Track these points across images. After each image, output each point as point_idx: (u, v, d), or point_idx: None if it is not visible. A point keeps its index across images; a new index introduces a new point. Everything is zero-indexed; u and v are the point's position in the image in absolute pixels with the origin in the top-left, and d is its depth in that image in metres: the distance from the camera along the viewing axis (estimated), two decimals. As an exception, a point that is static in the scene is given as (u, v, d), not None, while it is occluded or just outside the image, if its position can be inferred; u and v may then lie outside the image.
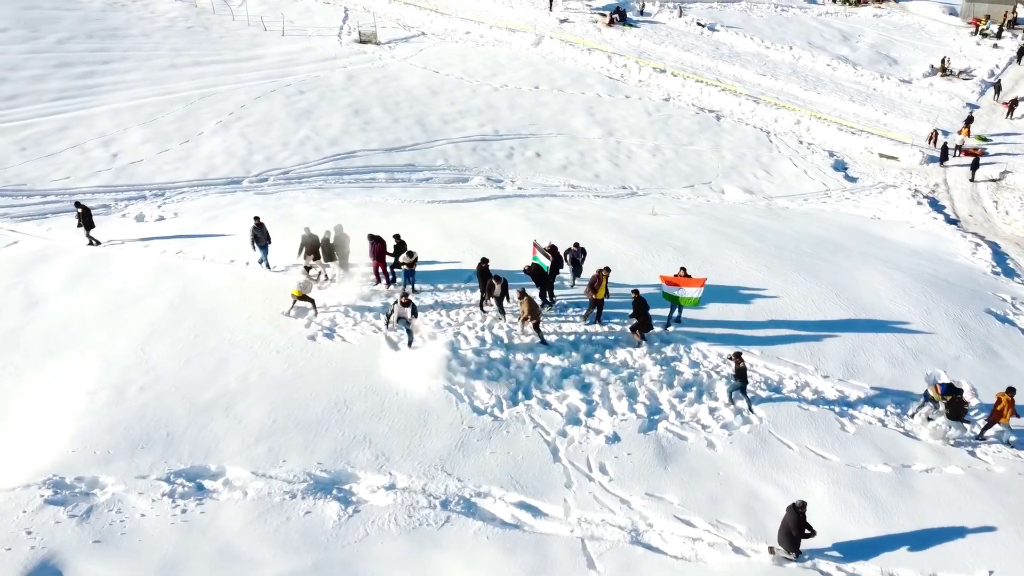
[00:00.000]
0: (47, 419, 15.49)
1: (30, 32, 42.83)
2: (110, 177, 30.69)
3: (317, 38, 51.06)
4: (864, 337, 21.64)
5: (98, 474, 14.40)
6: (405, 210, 29.63)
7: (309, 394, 16.65)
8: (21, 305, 19.48)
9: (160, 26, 48.33)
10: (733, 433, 17.61)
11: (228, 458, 15.09)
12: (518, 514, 15.10)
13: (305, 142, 36.18)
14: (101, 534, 13.41)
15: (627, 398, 18.07)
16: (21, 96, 36.41)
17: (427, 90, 44.82)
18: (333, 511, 14.39)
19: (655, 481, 16.12)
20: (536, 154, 39.73)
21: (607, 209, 32.56)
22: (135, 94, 38.44)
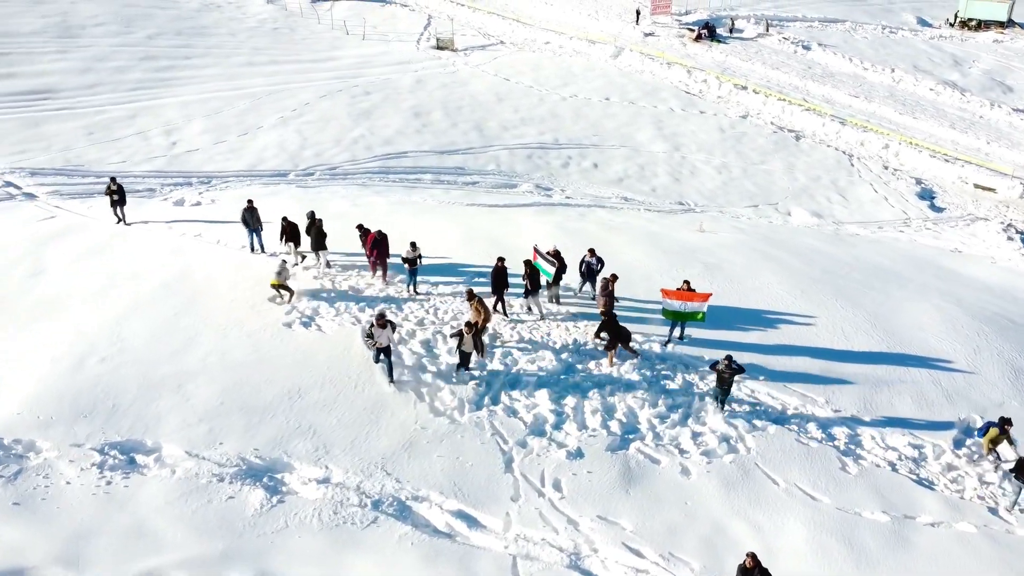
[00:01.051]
0: (7, 381, 15.71)
1: (124, 27, 45.24)
2: (163, 163, 31.71)
3: (396, 43, 51.77)
4: (892, 372, 19.55)
5: (36, 438, 14.44)
6: (437, 210, 29.26)
7: (264, 380, 16.28)
8: (26, 273, 20.10)
9: (248, 26, 50.17)
10: (713, 461, 16.10)
11: (166, 435, 14.86)
12: (453, 523, 14.19)
13: (358, 140, 36.46)
14: (22, 497, 13.37)
15: (602, 413, 16.84)
16: (102, 85, 38.33)
17: (493, 96, 44.54)
18: (257, 499, 13.89)
19: (611, 504, 14.86)
20: (593, 165, 38.69)
21: (652, 223, 31.21)
22: (207, 88, 39.84)
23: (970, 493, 16.21)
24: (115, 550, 12.86)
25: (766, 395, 18.23)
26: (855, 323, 21.59)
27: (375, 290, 20.45)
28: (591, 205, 33.64)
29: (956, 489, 16.26)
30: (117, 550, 12.86)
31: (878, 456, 16.89)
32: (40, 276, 19.92)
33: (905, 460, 16.90)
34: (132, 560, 12.76)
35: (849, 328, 21.26)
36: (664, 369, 18.63)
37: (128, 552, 12.86)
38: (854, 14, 64.59)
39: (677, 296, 19.07)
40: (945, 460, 17.01)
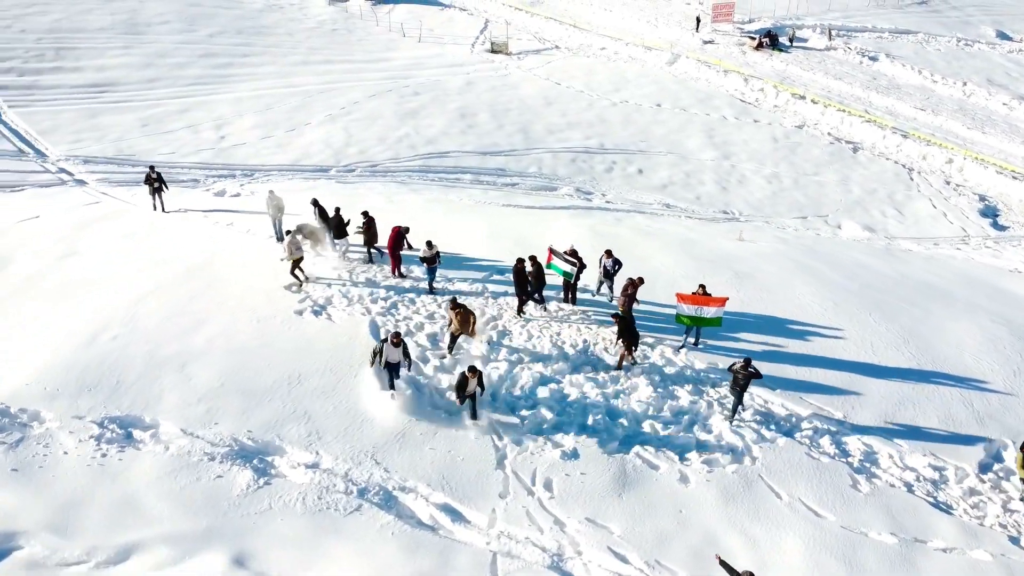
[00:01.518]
0: (26, 353, 16.26)
1: (187, 25, 46.76)
2: (210, 156, 32.57)
3: (451, 46, 52.18)
4: (920, 389, 18.60)
5: (41, 409, 14.87)
6: (470, 209, 29.29)
7: (266, 364, 16.45)
8: (61, 254, 20.82)
9: (307, 27, 51.28)
10: (715, 470, 15.55)
11: (164, 412, 15.13)
12: (438, 516, 14.03)
13: (403, 139, 36.79)
14: (21, 464, 13.77)
15: (604, 415, 16.45)
16: (160, 80, 39.66)
17: (542, 100, 44.43)
18: (244, 479, 14.00)
19: (601, 507, 14.47)
20: (638, 171, 38.18)
21: (691, 230, 30.58)
22: (261, 85, 40.82)
23: (991, 520, 15.25)
24: (103, 521, 13.12)
25: (779, 406, 17.55)
26: (886, 338, 20.65)
27: (391, 282, 20.47)
28: (630, 211, 33.19)
29: (976, 515, 15.33)
30: (105, 521, 13.12)
31: (894, 476, 16.05)
32: (72, 257, 20.60)
33: (923, 482, 16.02)
34: (118, 532, 12.99)
35: (879, 343, 20.34)
36: (674, 374, 18.11)
37: (115, 523, 13.10)
38: (928, 26, 62.37)
39: (692, 300, 18.56)
40: (968, 484, 16.07)
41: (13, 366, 15.85)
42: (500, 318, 19.37)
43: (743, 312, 21.11)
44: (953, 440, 17.20)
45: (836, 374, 18.81)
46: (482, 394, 15.98)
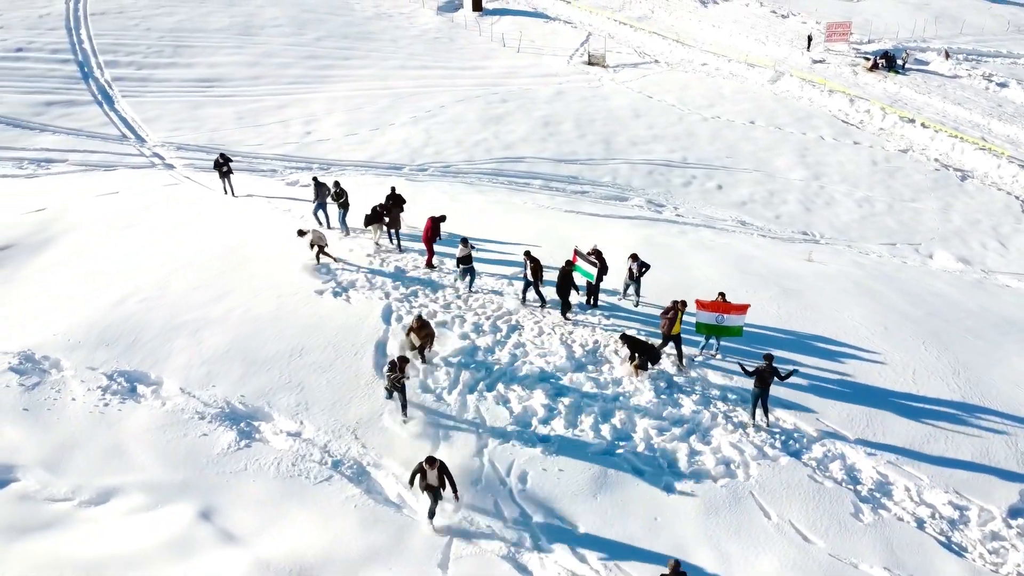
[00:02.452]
0: (64, 310, 17.58)
1: (297, 29, 49.32)
2: (293, 149, 34.17)
3: (549, 57, 52.56)
4: (959, 423, 17.15)
5: (61, 357, 16.03)
6: (529, 211, 29.35)
7: (274, 335, 17.07)
8: (119, 226, 22.37)
9: (411, 35, 53.00)
10: (703, 482, 14.89)
11: (169, 371, 15.98)
12: (405, 495, 14.12)
13: (480, 143, 37.34)
14: (32, 405, 14.90)
15: (597, 416, 16.08)
16: (264, 77, 42.00)
17: (630, 112, 44.01)
18: (227, 440, 14.58)
19: (572, 505, 14.14)
20: (718, 186, 37.13)
21: (757, 247, 29.45)
22: (357, 87, 42.49)
23: (1010, 568, 13.86)
24: (92, 464, 14.00)
25: (790, 424, 16.61)
26: (933, 368, 19.15)
27: (419, 272, 20.80)
28: (699, 225, 32.29)
29: (993, 562, 13.98)
30: (93, 464, 13.99)
31: (906, 510, 14.87)
32: (129, 230, 22.10)
33: (939, 519, 14.75)
34: (103, 475, 13.82)
35: (922, 371, 18.90)
36: (683, 383, 17.48)
37: (102, 467, 13.94)
38: (1073, 52, 57.66)
39: (712, 308, 17.86)
40: (991, 527, 14.67)
41: (50, 320, 17.15)
42: (516, 312, 19.29)
43: (778, 327, 20.15)
44: (985, 479, 15.76)
45: (864, 398, 17.62)
46: (454, 496, 13.59)
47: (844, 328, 20.62)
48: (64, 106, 34.78)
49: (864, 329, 20.75)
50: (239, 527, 13.15)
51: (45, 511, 13.26)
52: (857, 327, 20.81)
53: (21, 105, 33.87)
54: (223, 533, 12.98)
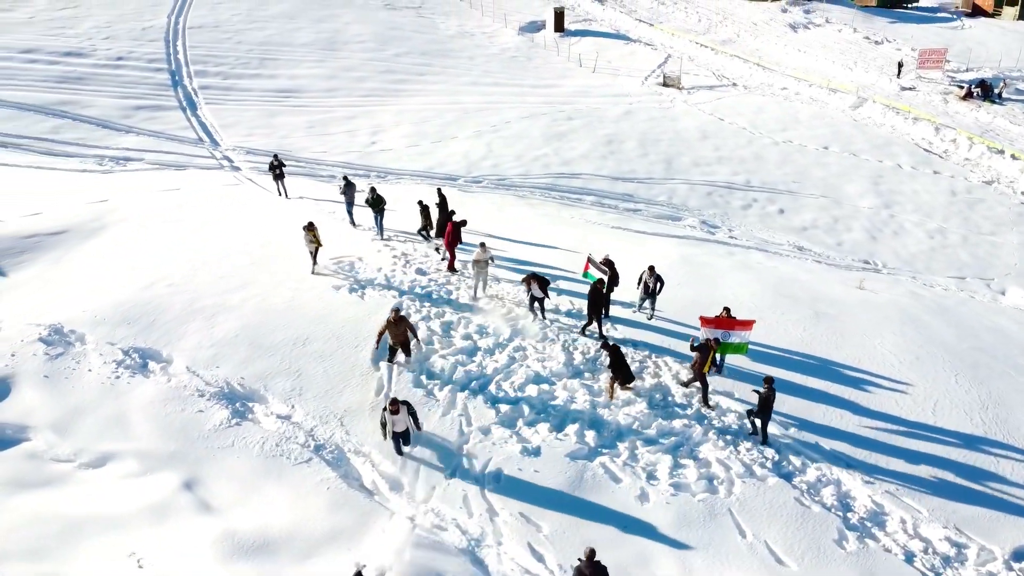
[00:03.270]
0: (100, 291, 18.89)
1: (379, 45, 51.17)
2: (355, 157, 35.46)
3: (624, 77, 52.61)
4: (973, 458, 16.24)
5: (86, 332, 17.22)
6: (573, 225, 29.48)
7: (283, 324, 17.81)
8: (165, 219, 23.76)
9: (489, 53, 54.11)
10: (680, 495, 14.63)
11: (180, 351, 16.91)
12: (379, 482, 14.50)
13: (539, 159, 37.72)
14: (53, 373, 16.07)
15: (584, 423, 16.03)
16: (339, 90, 43.77)
17: (698, 134, 43.51)
18: (220, 417, 15.31)
19: (542, 507, 14.15)
20: (779, 211, 36.23)
21: (807, 272, 28.58)
22: (427, 101, 43.72)
23: (1001, 612, 13.00)
24: (95, 430, 14.97)
25: (785, 447, 16.07)
26: (960, 401, 18.16)
27: (440, 275, 21.25)
28: (750, 247, 31.59)
29: (984, 604, 13.13)
30: (96, 430, 14.96)
31: (897, 542, 14.18)
32: (176, 223, 23.45)
33: (932, 555, 13.99)
34: (103, 441, 14.76)
35: (946, 403, 17.94)
36: (680, 396, 17.20)
37: (103, 434, 14.90)
38: None
39: (716, 324, 17.52)
40: (990, 568, 13.83)
41: (84, 298, 18.46)
42: (525, 317, 19.44)
43: (796, 349, 19.57)
44: (992, 517, 14.85)
45: (872, 425, 16.90)
46: (419, 431, 15.10)
47: (870, 354, 19.82)
48: (151, 110, 37.26)
49: (893, 357, 19.88)
50: (217, 499, 13.78)
51: (48, 470, 14.27)
52: (885, 354, 19.96)
53: (112, 108, 36.51)
54: (201, 503, 13.63)
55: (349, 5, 59.08)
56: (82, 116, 35.14)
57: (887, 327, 21.81)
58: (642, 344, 19.05)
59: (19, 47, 40.75)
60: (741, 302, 21.88)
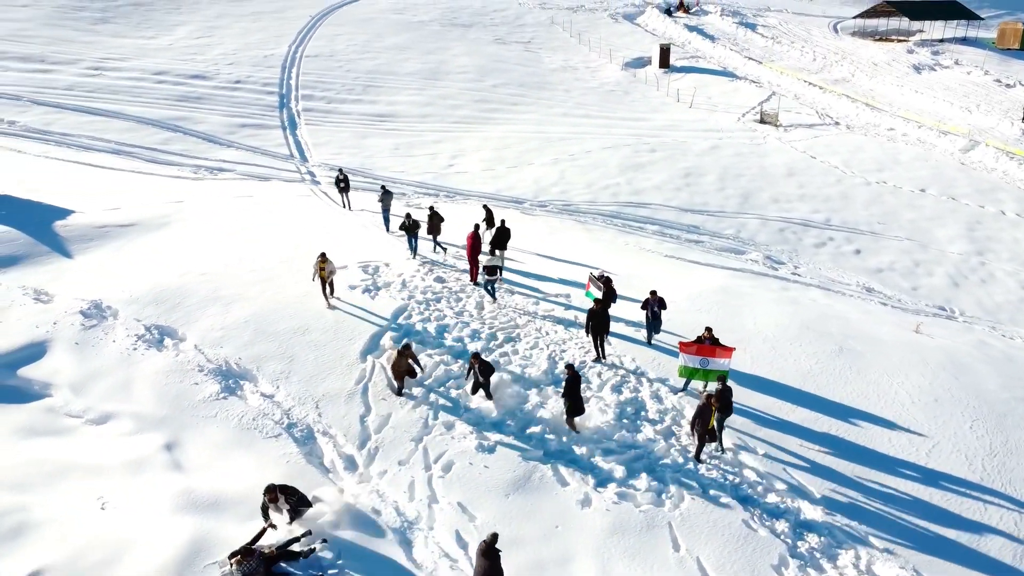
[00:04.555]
0: (143, 275, 21.05)
1: (479, 76, 53.30)
2: (430, 178, 37.20)
3: (721, 113, 52.16)
4: (955, 506, 15.27)
5: (120, 309, 19.26)
6: (625, 253, 29.72)
7: (290, 315, 19.20)
8: (222, 219, 25.95)
9: (587, 87, 55.13)
10: (623, 504, 14.68)
11: (193, 331, 18.59)
12: (336, 461, 15.40)
13: (610, 187, 38.12)
14: (83, 340, 18.11)
15: (546, 427, 16.34)
16: (432, 116, 45.97)
17: (784, 170, 42.53)
18: (211, 391, 16.73)
19: (481, 499, 14.59)
20: (855, 251, 34.87)
21: (863, 312, 27.41)
22: (513, 129, 45.15)
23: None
24: (104, 392, 16.75)
25: (752, 471, 15.72)
26: (965, 447, 17.10)
27: (458, 284, 22.14)
28: (810, 284, 30.60)
29: (922, 649, 12.42)
30: (105, 392, 16.73)
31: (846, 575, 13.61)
32: (231, 225, 25.57)
33: (881, 593, 13.34)
34: (107, 401, 16.49)
35: (947, 447, 16.95)
36: (654, 412, 17.17)
37: (110, 396, 16.64)
38: None
39: (696, 351, 17.35)
40: (939, 615, 13.01)
41: (127, 280, 20.63)
42: (524, 327, 19.95)
43: (798, 380, 19.05)
44: (958, 568, 13.93)
45: (853, 461, 16.26)
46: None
47: (880, 392, 18.97)
48: (254, 128, 40.62)
49: (907, 397, 18.93)
50: (189, 460, 15.10)
51: (59, 423, 16.11)
52: (899, 394, 19.03)
53: (220, 125, 40.10)
54: (174, 462, 14.99)
55: (462, 39, 61.83)
56: (192, 131, 38.81)
57: (917, 369, 20.71)
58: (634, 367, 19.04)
59: (152, 69, 45.54)
60: (761, 332, 21.47)
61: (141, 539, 12.96)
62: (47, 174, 29.00)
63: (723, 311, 22.85)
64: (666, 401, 17.58)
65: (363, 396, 16.99)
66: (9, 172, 28.09)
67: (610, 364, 18.57)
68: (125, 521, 13.42)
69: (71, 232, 23.19)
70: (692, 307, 22.72)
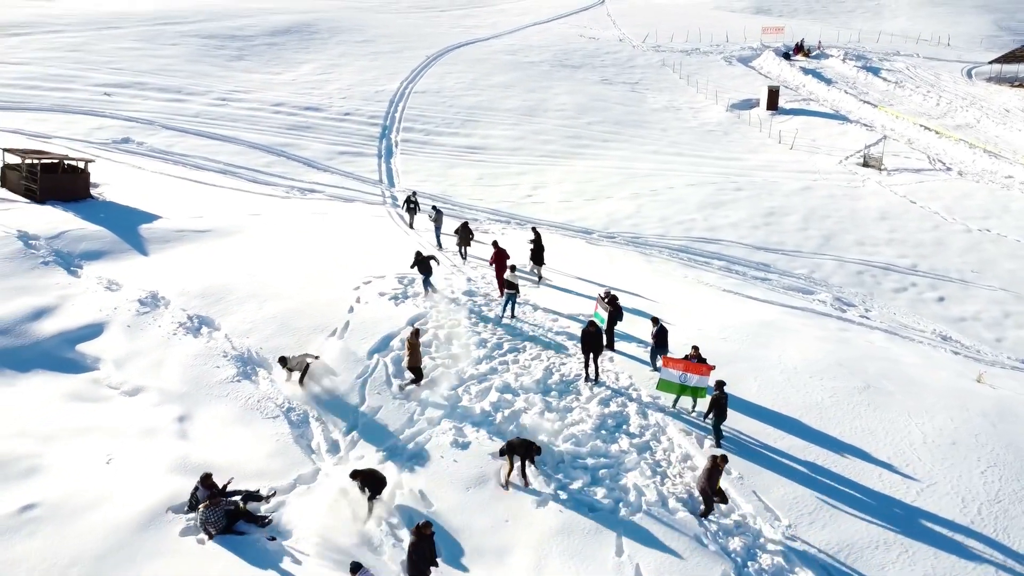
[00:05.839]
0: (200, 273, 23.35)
1: (577, 114, 54.59)
2: (506, 207, 38.55)
3: (823, 155, 50.88)
4: (933, 544, 14.60)
5: (172, 299, 21.51)
6: (681, 282, 29.86)
7: (315, 313, 20.76)
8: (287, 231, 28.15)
9: (687, 126, 55.23)
10: (579, 508, 15.04)
11: (227, 322, 20.50)
12: (323, 445, 16.65)
13: (684, 223, 38.10)
14: (134, 324, 20.35)
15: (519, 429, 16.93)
16: (521, 150, 47.57)
17: (876, 214, 40.97)
18: (229, 374, 18.44)
19: (443, 490, 15.38)
20: (938, 298, 33.18)
21: (924, 358, 26.13)
22: (599, 164, 45.97)
23: None
24: (140, 367, 18.85)
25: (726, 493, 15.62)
26: (966, 490, 16.25)
27: (484, 298, 23.13)
28: (875, 328, 29.41)
29: None
30: (141, 368, 18.82)
31: (786, 598, 13.38)
32: (296, 235, 27.70)
33: (819, 619, 13.03)
34: (142, 377, 18.53)
35: (945, 489, 16.19)
36: (638, 426, 17.37)
37: (145, 372, 18.70)
38: None
39: (683, 367, 17.45)
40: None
41: (186, 276, 22.96)
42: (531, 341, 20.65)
43: (800, 411, 18.58)
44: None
45: (831, 490, 15.87)
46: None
47: (891, 430, 18.22)
48: (352, 156, 43.56)
49: (920, 438, 18.09)
50: (195, 431, 16.78)
51: (99, 392, 18.26)
52: (911, 434, 18.21)
53: (321, 152, 43.30)
54: (181, 432, 16.71)
55: (569, 79, 63.52)
56: (295, 156, 42.14)
57: (948, 412, 19.60)
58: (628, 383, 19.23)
59: (271, 100, 49.79)
60: (781, 364, 21.01)
61: (128, 490, 14.58)
62: (155, 187, 32.50)
63: (750, 342, 22.52)
64: (651, 418, 17.72)
65: (361, 389, 18.17)
66: (124, 184, 31.74)
67: (602, 383, 18.85)
68: (121, 476, 15.12)
69: (153, 234, 26.03)
70: (718, 336, 22.52)
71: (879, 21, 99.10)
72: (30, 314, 20.43)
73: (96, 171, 30.72)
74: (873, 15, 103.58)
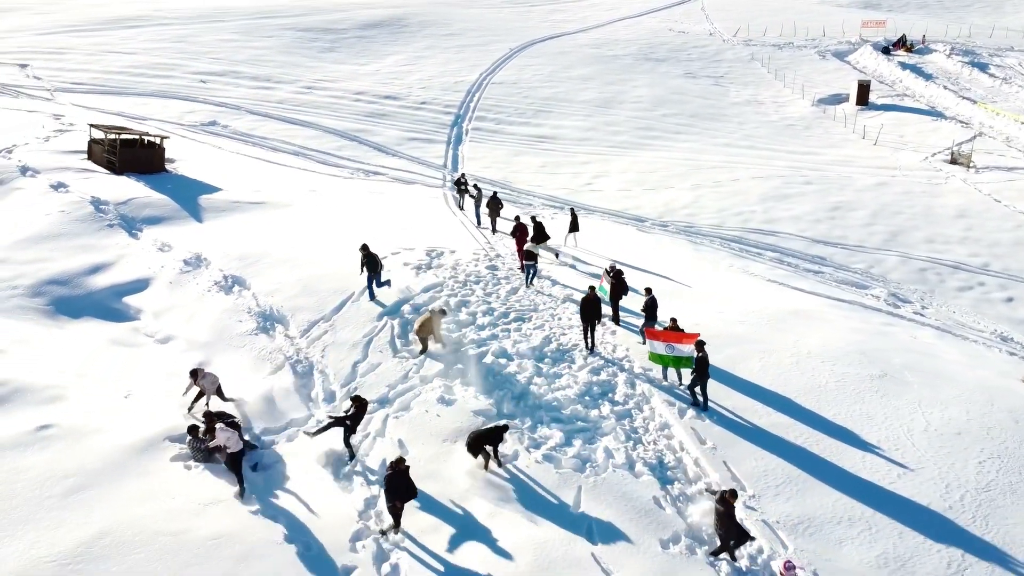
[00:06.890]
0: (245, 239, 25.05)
1: (652, 106, 54.26)
2: (563, 193, 38.95)
3: (907, 152, 48.75)
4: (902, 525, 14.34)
5: (213, 261, 23.25)
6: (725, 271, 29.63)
7: (336, 278, 21.88)
8: (340, 207, 29.61)
9: (767, 120, 53.97)
10: (544, 464, 15.58)
11: (257, 283, 22.01)
12: (319, 395, 17.83)
13: (743, 213, 37.52)
14: (176, 280, 22.31)
15: (511, 393, 17.56)
16: (590, 140, 47.81)
17: (954, 212, 39.09)
18: (248, 328, 19.97)
19: (420, 439, 16.27)
20: (1006, 299, 31.57)
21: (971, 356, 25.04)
22: (666, 155, 45.69)
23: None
24: (175, 320, 20.62)
25: (690, 458, 15.81)
26: (954, 479, 15.83)
27: (504, 272, 23.81)
28: (927, 325, 28.30)
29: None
30: (176, 320, 20.59)
31: (732, 565, 13.51)
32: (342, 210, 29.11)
33: (758, 585, 13.12)
34: (175, 327, 20.30)
35: (931, 475, 15.86)
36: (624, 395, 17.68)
37: (179, 322, 20.49)
38: None
39: (662, 337, 17.64)
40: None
41: (230, 242, 24.72)
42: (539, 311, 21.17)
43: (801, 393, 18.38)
44: None
45: (803, 466, 15.77)
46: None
47: (890, 417, 17.83)
48: (422, 142, 45.01)
49: (922, 426, 17.65)
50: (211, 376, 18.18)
51: (136, 339, 20.09)
52: (914, 422, 17.78)
53: (392, 138, 44.96)
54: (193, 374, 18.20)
55: (651, 72, 63.12)
56: (367, 140, 43.96)
57: (967, 407, 18.92)
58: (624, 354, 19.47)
59: (354, 89, 51.96)
60: (795, 348, 20.77)
61: (135, 421, 16.08)
62: (227, 165, 34.81)
63: (769, 327, 22.29)
64: (638, 388, 17.98)
65: (365, 347, 19.22)
66: (198, 160, 34.16)
67: (596, 353, 19.18)
68: (134, 409, 16.66)
69: (210, 204, 28.05)
70: (736, 319, 22.41)
71: (998, 16, 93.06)
72: (88, 269, 22.59)
73: (175, 148, 33.18)
74: (993, 9, 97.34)
